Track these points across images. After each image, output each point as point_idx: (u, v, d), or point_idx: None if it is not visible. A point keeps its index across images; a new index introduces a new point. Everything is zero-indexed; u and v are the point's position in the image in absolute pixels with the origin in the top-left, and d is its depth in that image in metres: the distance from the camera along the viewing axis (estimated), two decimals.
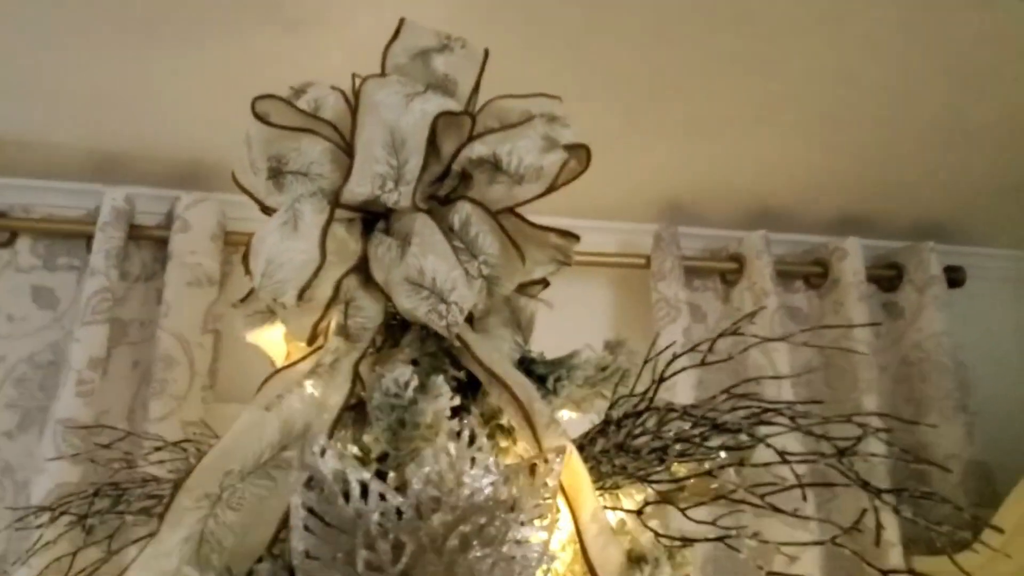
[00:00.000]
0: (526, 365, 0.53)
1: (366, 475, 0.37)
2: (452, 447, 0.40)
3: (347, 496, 0.36)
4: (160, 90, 1.16)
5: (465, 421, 0.41)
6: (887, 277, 1.59)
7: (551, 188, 0.50)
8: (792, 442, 0.57)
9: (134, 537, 0.56)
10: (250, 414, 0.44)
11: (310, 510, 0.35)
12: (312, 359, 0.48)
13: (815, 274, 1.55)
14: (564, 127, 0.53)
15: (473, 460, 0.40)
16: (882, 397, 1.45)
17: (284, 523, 0.40)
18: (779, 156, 1.41)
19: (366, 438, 0.47)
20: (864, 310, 1.49)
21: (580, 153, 0.54)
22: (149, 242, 1.31)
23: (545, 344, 0.59)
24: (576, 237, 0.56)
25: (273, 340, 0.55)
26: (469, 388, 0.51)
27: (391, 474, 0.42)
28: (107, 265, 1.22)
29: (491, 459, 0.40)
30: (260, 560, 0.41)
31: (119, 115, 1.22)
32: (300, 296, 0.47)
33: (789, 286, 1.58)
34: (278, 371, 0.49)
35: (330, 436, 0.46)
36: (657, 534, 0.48)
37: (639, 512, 0.48)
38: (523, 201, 0.52)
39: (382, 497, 0.37)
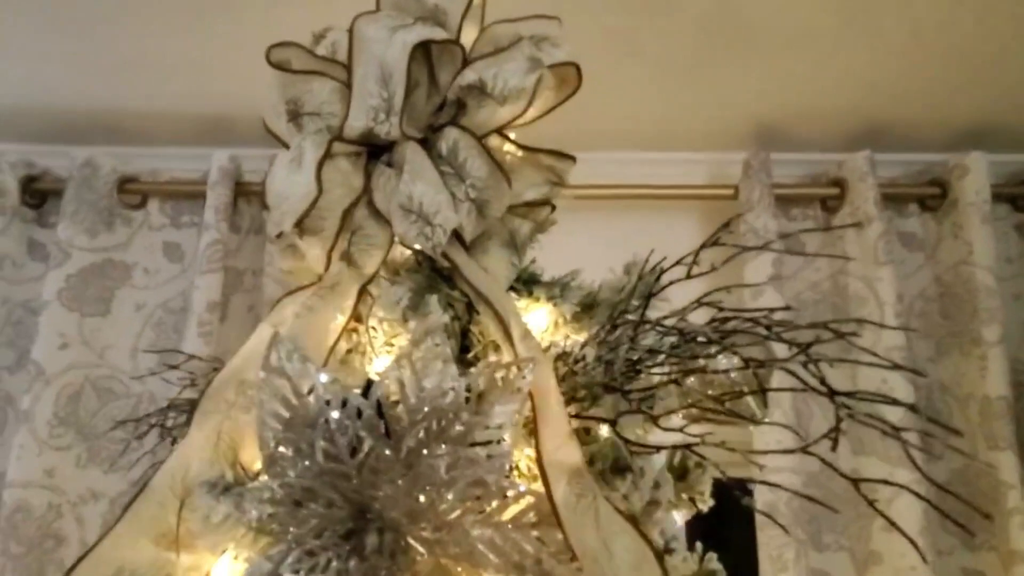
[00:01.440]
0: (527, 283, 0.55)
1: (325, 377, 0.41)
2: (416, 353, 0.43)
3: (310, 395, 0.40)
4: (254, 54, 1.25)
5: (428, 324, 0.44)
6: (1020, 195, 1.41)
7: (542, 113, 0.51)
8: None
9: None
10: (261, 331, 0.50)
11: (276, 407, 0.40)
12: (318, 283, 0.52)
13: (931, 195, 1.42)
14: (555, 47, 0.52)
15: (438, 366, 0.43)
16: (1007, 328, 1.32)
17: None
18: (883, 68, 1.29)
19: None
20: (989, 233, 1.34)
21: (570, 72, 0.53)
22: (257, 197, 1.43)
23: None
24: (571, 158, 0.56)
25: (304, 269, 0.60)
26: (471, 308, 0.54)
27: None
28: (217, 220, 1.35)
29: (455, 366, 0.43)
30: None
31: (219, 81, 1.33)
32: (298, 225, 0.51)
33: (902, 210, 1.45)
34: (288, 293, 0.54)
35: (330, 351, 0.50)
36: (627, 442, 0.49)
37: (613, 422, 0.48)
38: (507, 122, 0.52)
39: (344, 400, 0.41)
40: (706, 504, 0.56)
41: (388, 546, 0.40)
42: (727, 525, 1.61)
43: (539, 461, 0.42)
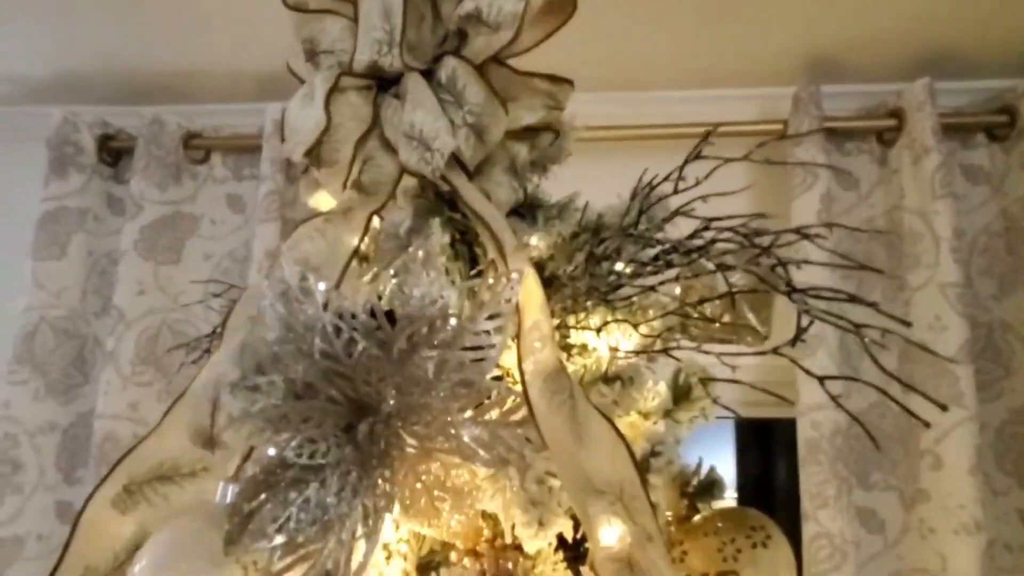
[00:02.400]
0: (531, 207, 0.57)
1: (323, 286, 0.45)
2: (409, 265, 0.46)
3: (309, 302, 0.44)
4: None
5: (423, 243, 0.47)
6: None
7: (538, 40, 0.52)
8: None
9: None
10: (280, 262, 0.54)
11: (280, 310, 0.44)
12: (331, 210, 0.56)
13: (999, 124, 1.34)
14: None
15: (428, 277, 0.46)
16: None
17: None
18: None
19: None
20: None
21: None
22: None
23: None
24: (568, 82, 0.57)
25: (325, 202, 0.64)
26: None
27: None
28: (273, 171, 1.42)
29: (444, 278, 0.46)
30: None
31: (273, 38, 1.38)
32: (311, 155, 0.55)
33: (966, 141, 1.38)
34: (304, 220, 0.59)
35: (343, 274, 0.55)
36: (613, 349, 0.51)
37: (598, 330, 0.51)
38: (503, 48, 0.54)
39: (340, 306, 0.45)
40: (708, 419, 0.57)
41: (379, 436, 0.44)
42: (774, 466, 1.60)
43: (519, 363, 0.45)
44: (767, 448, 1.55)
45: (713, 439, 1.76)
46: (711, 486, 0.57)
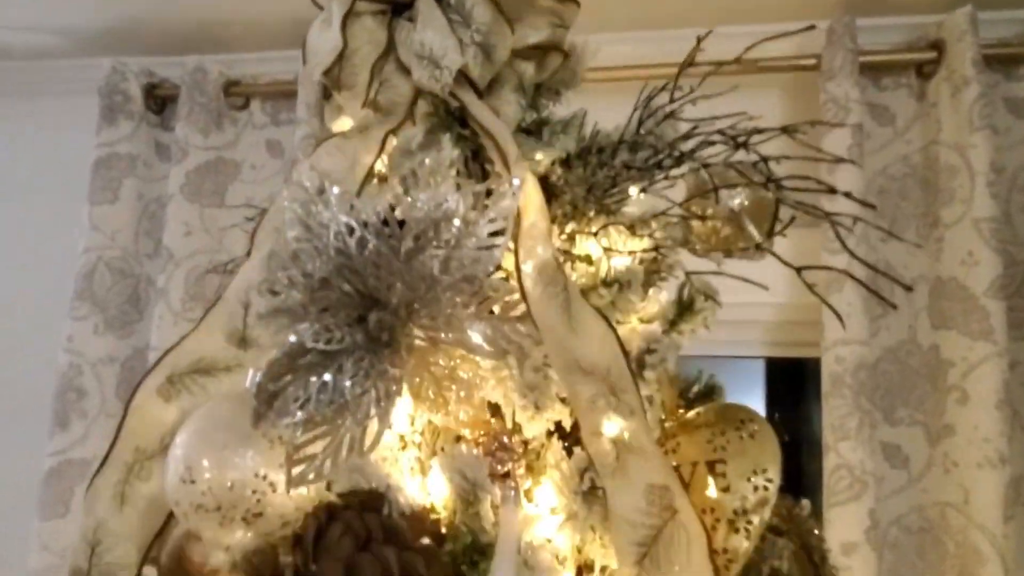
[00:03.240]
0: (539, 124, 0.59)
1: (337, 190, 0.49)
2: (417, 173, 0.50)
3: (326, 206, 0.48)
4: None
5: (432, 154, 0.50)
6: None
7: None
8: None
9: None
10: (299, 171, 0.58)
11: (298, 211, 0.48)
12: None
13: None
14: None
15: (435, 182, 0.49)
16: None
17: None
18: None
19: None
20: None
21: None
22: None
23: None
24: (575, 3, 0.59)
25: (347, 125, 0.68)
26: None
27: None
28: (308, 115, 1.46)
29: (450, 183, 0.49)
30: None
31: None
32: (327, 75, 0.58)
33: (1010, 73, 1.33)
34: (324, 138, 0.62)
35: (360, 188, 0.58)
36: (607, 250, 0.54)
37: (595, 233, 0.53)
38: None
39: (352, 207, 0.48)
40: (709, 329, 0.60)
41: (388, 327, 0.48)
42: (803, 405, 1.62)
43: (516, 259, 0.49)
44: (797, 388, 1.56)
45: (743, 380, 1.78)
46: (711, 391, 0.60)
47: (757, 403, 1.81)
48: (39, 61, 1.67)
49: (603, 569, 0.46)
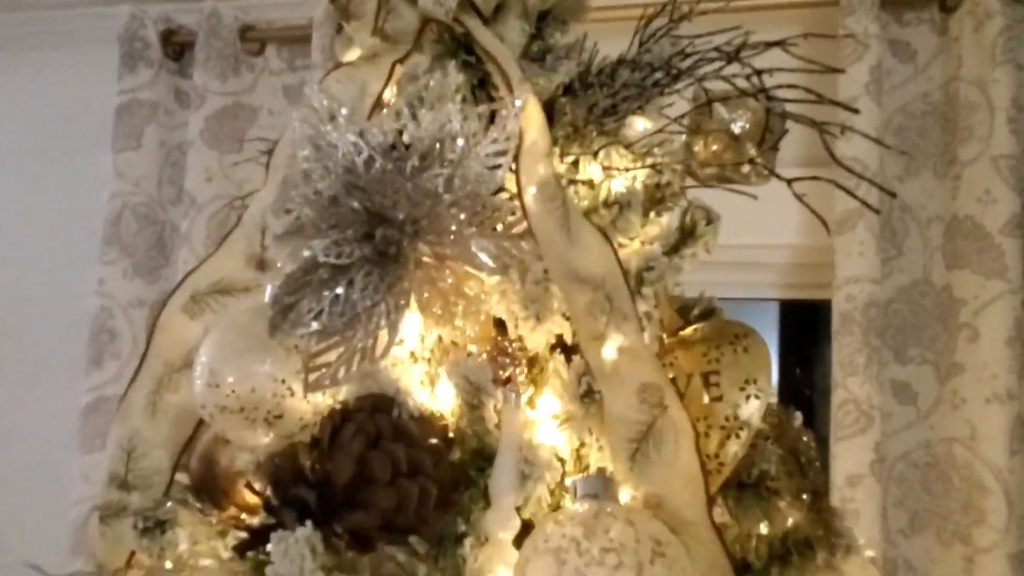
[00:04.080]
0: (541, 49, 0.60)
1: (345, 111, 0.51)
2: (422, 95, 0.52)
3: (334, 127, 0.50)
4: None
5: (437, 78, 0.52)
6: None
7: None
8: None
9: None
10: (309, 94, 0.60)
11: (309, 133, 0.50)
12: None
13: None
14: None
15: (438, 103, 0.51)
16: None
17: None
18: None
19: None
20: None
21: None
22: None
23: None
24: None
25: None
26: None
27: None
28: (323, 59, 1.47)
29: (453, 104, 0.51)
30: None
31: None
32: (335, 5, 0.60)
33: None
34: (334, 67, 0.64)
35: (370, 115, 0.60)
36: (607, 169, 0.55)
37: (595, 153, 0.55)
38: None
39: (360, 128, 0.51)
40: (711, 253, 0.62)
41: (395, 242, 0.50)
42: (816, 344, 1.63)
43: (517, 176, 0.51)
44: (810, 331, 1.58)
45: (757, 322, 1.79)
46: (710, 312, 0.62)
47: (771, 346, 1.83)
48: (57, 11, 1.68)
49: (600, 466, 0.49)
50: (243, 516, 0.55)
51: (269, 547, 0.47)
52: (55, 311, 1.63)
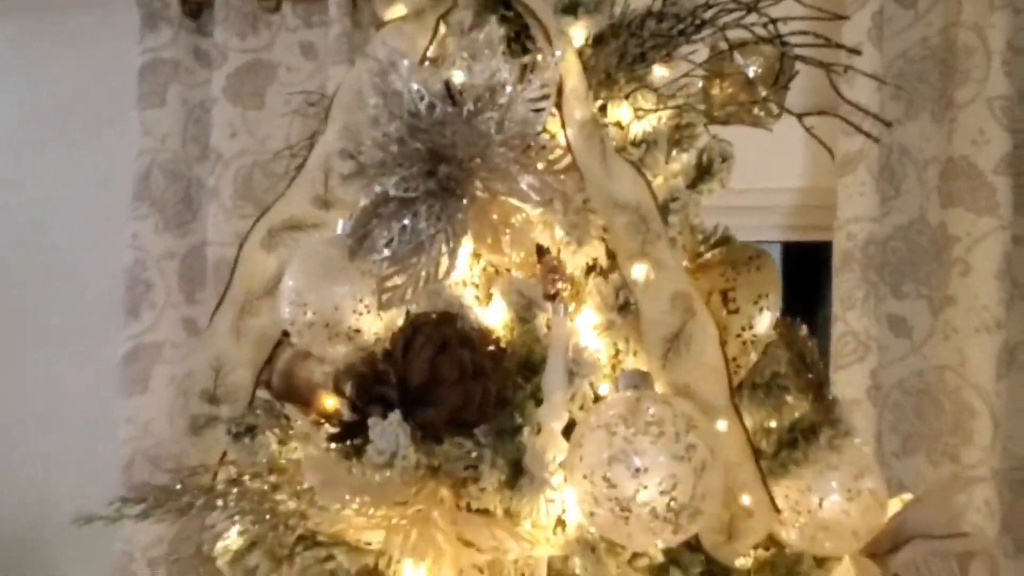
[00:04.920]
0: (572, 3, 0.66)
1: (407, 62, 0.57)
2: (473, 47, 0.58)
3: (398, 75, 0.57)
4: None
5: (479, 31, 0.58)
6: None
7: None
8: None
9: None
10: (371, 47, 0.67)
11: (375, 82, 0.57)
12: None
13: None
14: None
15: (487, 54, 0.58)
16: None
17: None
18: None
19: None
20: None
21: None
22: None
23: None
24: None
25: (400, 12, 0.75)
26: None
27: None
28: (340, 14, 1.51)
29: (501, 55, 0.58)
30: None
31: None
32: None
33: None
34: (383, 25, 0.70)
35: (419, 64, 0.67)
36: (637, 110, 0.62)
37: (627, 96, 0.61)
38: None
39: (421, 78, 0.57)
40: (725, 186, 0.69)
41: (454, 178, 0.58)
42: (818, 284, 1.72)
43: (561, 117, 0.57)
44: (813, 272, 1.66)
45: None
46: (725, 240, 0.70)
47: None
48: None
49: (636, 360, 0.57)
50: (322, 421, 0.63)
51: (355, 441, 0.55)
52: (93, 265, 1.70)
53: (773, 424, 0.61)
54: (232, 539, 0.72)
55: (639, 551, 0.53)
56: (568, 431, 0.57)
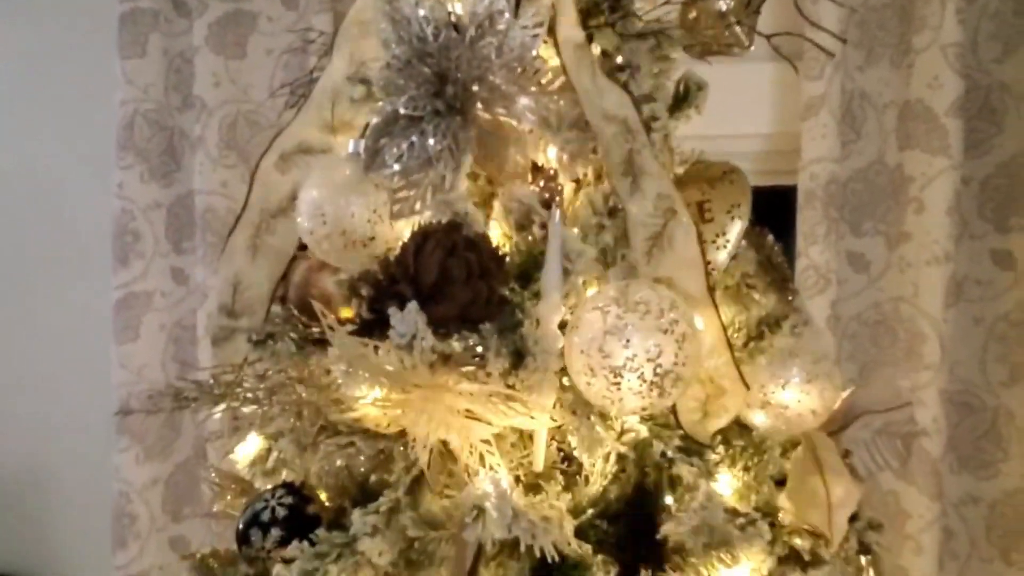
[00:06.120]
0: None
1: None
2: None
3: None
4: None
5: None
6: None
7: None
8: None
9: None
10: None
11: (386, 9, 0.62)
12: None
13: None
14: None
15: None
16: None
17: None
18: None
19: None
20: None
21: None
22: None
23: None
24: None
25: None
26: None
27: None
28: None
29: None
30: None
31: None
32: None
33: None
34: None
35: None
36: (621, 36, 0.68)
37: (612, 25, 0.68)
38: None
39: (427, 5, 0.63)
40: (700, 113, 0.76)
41: (459, 98, 0.63)
42: (786, 226, 1.81)
43: (555, 40, 0.63)
44: (782, 214, 1.73)
45: None
46: (701, 161, 0.77)
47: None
48: None
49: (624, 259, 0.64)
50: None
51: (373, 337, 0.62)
52: (79, 213, 1.72)
53: (743, 319, 0.68)
54: (252, 445, 0.79)
55: (629, 415, 0.61)
56: (561, 329, 0.64)
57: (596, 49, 0.71)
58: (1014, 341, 1.39)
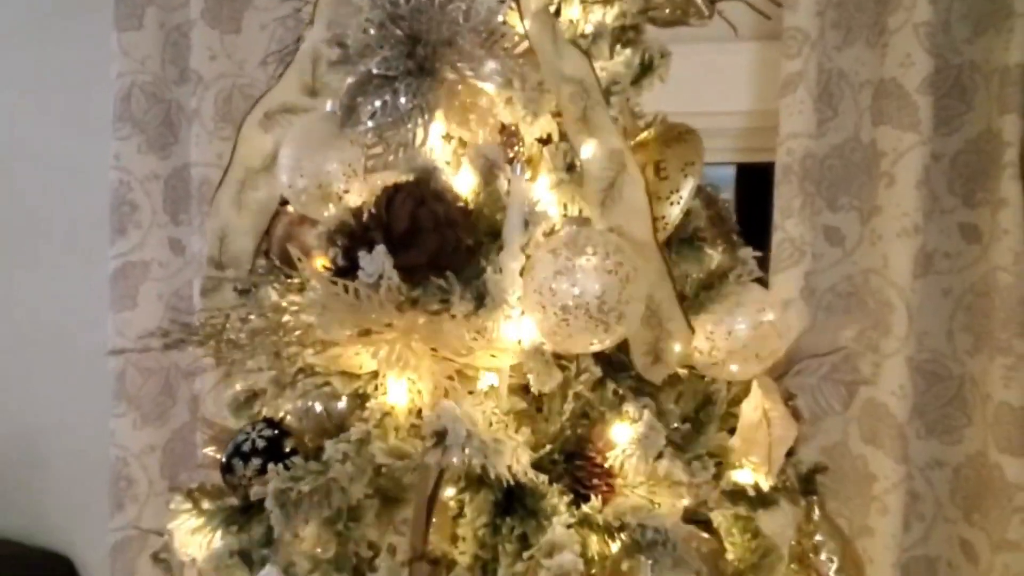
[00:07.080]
0: None
1: None
2: None
3: None
4: None
5: None
6: None
7: None
8: None
9: None
10: None
11: None
12: None
13: None
14: None
15: None
16: None
17: None
18: None
19: None
20: None
21: None
22: None
23: None
24: None
25: None
26: None
27: None
28: None
29: None
30: None
31: None
32: None
33: None
34: None
35: None
36: (585, 3, 0.73)
37: None
38: None
39: None
40: (664, 81, 0.80)
41: (429, 59, 0.68)
42: (767, 201, 1.84)
43: (518, 8, 0.68)
44: (763, 190, 1.77)
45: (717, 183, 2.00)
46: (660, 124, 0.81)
47: (730, 203, 2.04)
48: None
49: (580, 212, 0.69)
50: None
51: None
52: (77, 183, 1.77)
53: (695, 273, 0.73)
54: (237, 388, 0.84)
55: (579, 351, 0.66)
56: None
57: (564, 17, 0.76)
58: (980, 312, 1.44)
